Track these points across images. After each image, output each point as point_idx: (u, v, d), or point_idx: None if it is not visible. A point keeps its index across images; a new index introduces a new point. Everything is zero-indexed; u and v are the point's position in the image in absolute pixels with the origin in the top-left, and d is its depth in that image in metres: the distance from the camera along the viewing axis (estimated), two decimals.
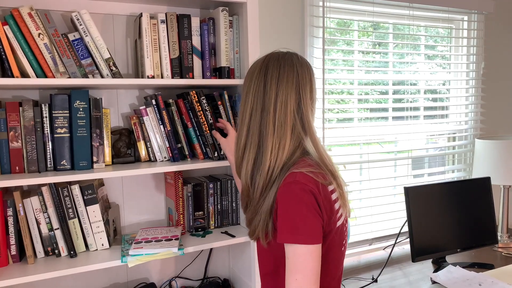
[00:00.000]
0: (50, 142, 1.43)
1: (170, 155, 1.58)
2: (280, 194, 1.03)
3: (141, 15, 1.49)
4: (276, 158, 1.07)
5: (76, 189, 1.44)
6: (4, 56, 1.30)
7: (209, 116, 1.58)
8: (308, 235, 0.98)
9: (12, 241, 1.39)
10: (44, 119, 1.42)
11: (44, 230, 1.43)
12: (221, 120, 1.59)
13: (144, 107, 1.57)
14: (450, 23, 2.56)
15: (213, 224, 1.73)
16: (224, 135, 1.57)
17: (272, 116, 1.07)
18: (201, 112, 1.57)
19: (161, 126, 1.57)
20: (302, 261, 0.98)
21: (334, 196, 1.06)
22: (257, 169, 1.10)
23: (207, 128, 1.58)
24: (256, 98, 1.10)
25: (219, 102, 1.59)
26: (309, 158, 1.08)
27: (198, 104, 1.57)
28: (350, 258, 2.19)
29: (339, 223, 1.07)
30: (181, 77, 1.56)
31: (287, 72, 1.09)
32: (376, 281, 1.90)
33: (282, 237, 1.00)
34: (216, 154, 1.59)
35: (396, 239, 2.08)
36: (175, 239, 1.52)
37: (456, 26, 2.58)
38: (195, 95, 1.57)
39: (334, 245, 1.08)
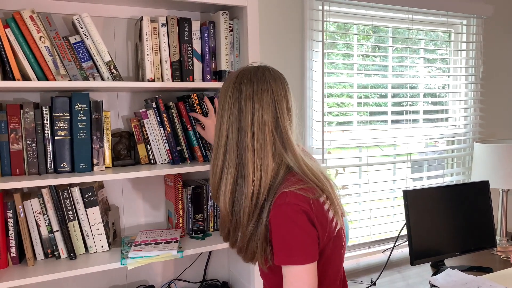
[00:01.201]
0: (50, 144, 1.44)
1: (170, 157, 1.59)
2: (272, 217, 1.02)
3: (142, 18, 1.50)
4: (260, 181, 1.04)
5: (76, 191, 1.45)
6: (5, 59, 1.31)
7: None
8: (303, 255, 0.99)
9: (12, 243, 1.39)
10: (45, 121, 1.42)
11: (44, 232, 1.43)
12: (191, 113, 1.57)
13: (144, 109, 1.58)
14: (449, 27, 2.57)
15: (212, 227, 1.73)
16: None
17: (250, 137, 1.04)
18: (202, 115, 1.58)
19: (161, 129, 1.57)
20: (299, 280, 0.99)
21: (326, 207, 1.05)
22: (238, 194, 1.06)
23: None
24: (232, 120, 1.06)
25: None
26: (295, 174, 1.05)
27: (199, 106, 1.58)
28: (349, 261, 2.20)
29: (336, 230, 1.08)
30: (182, 80, 1.56)
31: (261, 90, 1.05)
32: (375, 284, 1.91)
33: (278, 259, 1.02)
34: None
35: (395, 242, 2.09)
36: (174, 242, 1.52)
37: (455, 30, 2.59)
38: (196, 97, 1.57)
39: (333, 251, 1.09)
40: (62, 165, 1.44)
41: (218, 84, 1.59)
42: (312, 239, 1.01)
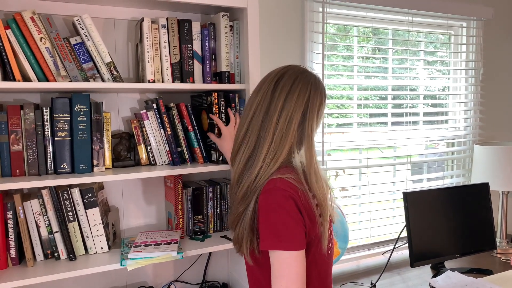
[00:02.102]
0: (50, 145, 1.44)
1: (170, 159, 1.59)
2: (260, 201, 1.03)
3: (142, 20, 1.50)
4: (266, 167, 1.06)
5: (76, 192, 1.45)
6: (6, 60, 1.31)
7: (223, 119, 1.59)
8: (291, 241, 0.99)
9: (12, 244, 1.39)
10: (45, 122, 1.43)
11: (44, 233, 1.43)
12: (212, 116, 1.57)
13: (144, 111, 1.58)
14: (449, 29, 2.58)
15: (212, 228, 1.73)
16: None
17: (274, 126, 1.07)
18: (218, 114, 1.57)
19: (162, 130, 1.58)
20: (287, 266, 0.98)
21: (314, 203, 1.06)
22: (247, 170, 1.10)
23: (217, 130, 1.58)
24: (263, 100, 1.10)
25: (233, 104, 1.60)
26: (288, 166, 1.08)
27: (217, 106, 1.57)
28: (349, 263, 2.19)
29: (321, 230, 1.07)
30: (182, 82, 1.57)
31: (299, 88, 1.08)
32: (374, 286, 1.90)
33: (265, 243, 1.01)
34: (221, 158, 1.59)
35: (395, 244, 2.09)
36: (174, 243, 1.52)
37: (455, 32, 2.59)
38: (216, 96, 1.57)
39: (319, 253, 1.09)
40: (62, 166, 1.44)
41: (218, 86, 1.60)
42: (300, 226, 1.01)
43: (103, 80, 1.45)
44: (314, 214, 1.05)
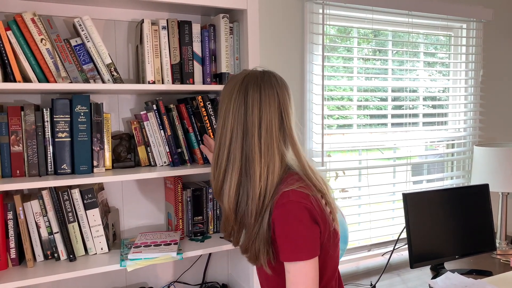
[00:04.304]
0: (51, 146, 1.44)
1: (170, 160, 1.59)
2: (276, 216, 1.05)
3: (142, 21, 1.51)
4: (267, 183, 1.07)
5: (76, 193, 1.45)
6: (6, 61, 1.31)
7: (214, 121, 1.59)
8: (308, 251, 1.02)
9: (12, 244, 1.40)
10: (45, 123, 1.43)
11: (44, 233, 1.43)
12: (206, 136, 1.58)
13: (144, 112, 1.58)
14: (449, 30, 2.58)
15: (212, 229, 1.73)
16: None
17: (257, 141, 1.07)
18: (207, 116, 1.58)
19: (162, 131, 1.58)
20: (304, 275, 1.02)
21: (323, 202, 1.09)
22: (243, 195, 1.10)
23: (212, 133, 1.59)
24: (237, 122, 1.09)
25: None
26: (292, 173, 1.10)
27: (204, 109, 1.58)
28: (349, 264, 2.19)
29: (333, 225, 1.11)
30: (182, 83, 1.57)
31: (268, 95, 1.09)
32: (374, 287, 1.90)
33: (285, 256, 1.04)
34: None
35: (395, 245, 2.09)
36: (174, 244, 1.53)
37: (455, 34, 2.60)
38: (201, 99, 1.58)
39: (331, 248, 1.12)
40: (62, 166, 1.44)
41: (218, 87, 1.60)
42: (315, 235, 1.04)
43: (103, 81, 1.45)
44: (326, 215, 1.08)
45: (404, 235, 1.99)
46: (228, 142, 1.11)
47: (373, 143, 2.30)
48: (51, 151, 1.44)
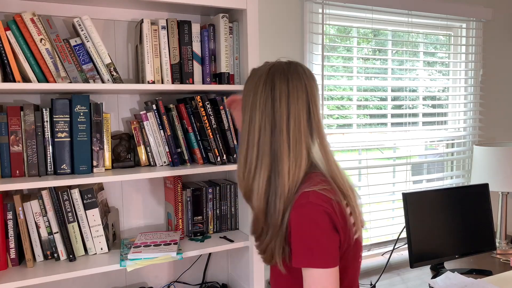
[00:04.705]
0: (50, 146, 1.44)
1: (170, 159, 1.59)
2: (293, 216, 0.98)
3: (142, 21, 1.51)
4: (294, 179, 1.01)
5: (75, 193, 1.45)
6: (6, 61, 1.31)
7: (213, 121, 1.59)
8: (323, 258, 0.95)
9: (12, 244, 1.40)
10: (45, 123, 1.43)
11: (44, 233, 1.43)
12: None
13: (144, 112, 1.58)
14: (449, 30, 2.58)
15: (212, 229, 1.73)
16: (224, 134, 1.58)
17: (286, 135, 1.01)
18: (206, 116, 1.58)
19: (161, 131, 1.58)
20: (319, 284, 0.95)
21: (347, 211, 1.01)
22: (272, 193, 1.03)
23: (211, 133, 1.59)
24: (264, 116, 1.03)
25: (221, 107, 1.61)
26: (318, 173, 1.03)
27: (203, 109, 1.58)
28: None
29: (355, 236, 1.03)
30: (181, 83, 1.57)
31: (296, 87, 1.03)
32: (374, 286, 1.90)
33: (297, 260, 0.97)
34: (218, 159, 1.59)
35: (395, 245, 2.09)
36: (173, 244, 1.53)
37: (454, 34, 2.60)
38: (200, 99, 1.58)
39: (350, 261, 1.05)
40: (62, 167, 1.44)
41: (218, 87, 1.60)
42: (334, 243, 0.97)
43: (103, 81, 1.45)
44: (349, 226, 1.00)
45: (404, 234, 1.99)
46: (257, 138, 1.04)
47: (373, 142, 2.30)
48: (50, 151, 1.44)
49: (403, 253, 2.28)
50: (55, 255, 1.45)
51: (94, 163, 1.48)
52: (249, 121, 1.06)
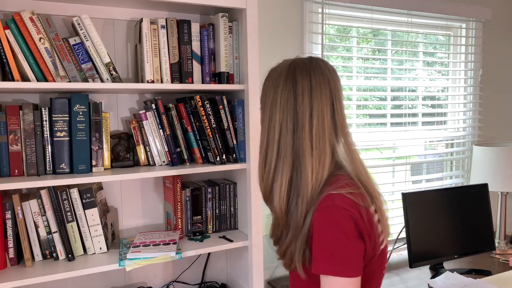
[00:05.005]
0: (49, 145, 1.44)
1: (169, 159, 1.59)
2: (316, 218, 0.92)
3: (141, 20, 1.50)
4: (318, 179, 0.95)
5: (74, 193, 1.45)
6: (5, 60, 1.31)
7: (212, 121, 1.59)
8: (346, 266, 0.87)
9: (10, 244, 1.39)
10: (44, 122, 1.43)
11: (43, 233, 1.43)
12: None
13: (143, 111, 1.58)
14: (449, 30, 2.58)
15: (211, 229, 1.73)
16: (223, 134, 1.58)
17: (309, 132, 0.96)
18: (205, 116, 1.58)
19: (161, 131, 1.58)
20: None
21: (376, 219, 0.94)
22: (294, 194, 0.97)
23: (210, 132, 1.58)
24: (286, 113, 0.98)
25: (220, 106, 1.60)
26: (345, 175, 0.97)
27: (202, 108, 1.58)
28: None
29: (381, 247, 0.97)
30: (181, 82, 1.57)
31: (319, 82, 0.97)
32: None
33: (317, 266, 0.90)
34: (218, 159, 1.59)
35: (394, 244, 2.09)
36: (173, 243, 1.52)
37: (454, 34, 2.60)
38: (199, 99, 1.57)
39: (374, 271, 0.98)
40: (61, 166, 1.44)
41: (217, 86, 1.60)
42: (358, 251, 0.89)
43: (102, 81, 1.45)
44: (376, 235, 0.93)
45: (403, 234, 1.99)
46: (277, 136, 0.99)
47: (373, 142, 2.30)
48: (49, 150, 1.44)
49: (402, 253, 2.27)
50: (54, 254, 1.45)
51: (93, 162, 1.48)
52: (269, 119, 1.01)
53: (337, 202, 0.90)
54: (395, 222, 2.40)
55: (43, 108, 1.42)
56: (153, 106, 1.57)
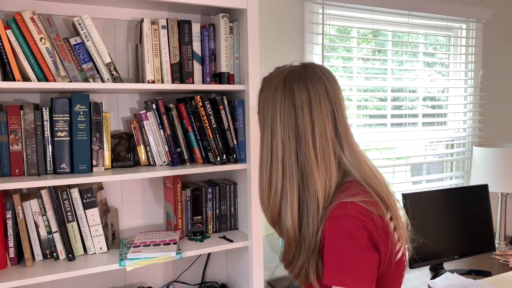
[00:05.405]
0: (50, 145, 1.44)
1: (170, 159, 1.59)
2: (328, 228, 0.88)
3: (142, 20, 1.50)
4: (326, 193, 0.92)
5: (75, 193, 1.45)
6: (6, 60, 1.31)
7: (213, 121, 1.59)
8: (358, 278, 0.84)
9: (11, 243, 1.39)
10: (45, 122, 1.43)
11: (43, 233, 1.43)
12: None
13: (144, 111, 1.58)
14: (449, 31, 2.58)
15: (211, 229, 1.73)
16: (224, 134, 1.58)
17: (312, 146, 0.92)
18: (205, 116, 1.58)
19: (161, 131, 1.58)
20: None
21: (391, 226, 0.90)
22: (304, 213, 0.93)
23: (211, 133, 1.59)
24: (287, 130, 0.94)
25: (221, 107, 1.60)
26: (356, 182, 0.93)
27: (203, 108, 1.58)
28: None
29: (398, 255, 0.92)
30: (181, 82, 1.57)
31: (318, 92, 0.94)
32: None
33: (328, 277, 0.86)
34: (218, 159, 1.59)
35: None
36: (173, 244, 1.53)
37: (454, 34, 2.60)
38: (200, 99, 1.58)
39: (393, 279, 0.95)
40: (61, 166, 1.44)
41: (218, 87, 1.60)
42: (371, 262, 0.86)
43: (102, 81, 1.45)
44: (392, 243, 0.89)
45: None
46: (281, 156, 0.94)
47: (373, 143, 2.30)
48: (50, 150, 1.44)
49: None
50: (54, 254, 1.45)
51: (94, 162, 1.48)
52: (271, 137, 0.96)
53: (349, 211, 0.87)
54: None
55: (43, 108, 1.42)
56: (154, 106, 1.57)
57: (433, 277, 1.97)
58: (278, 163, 0.95)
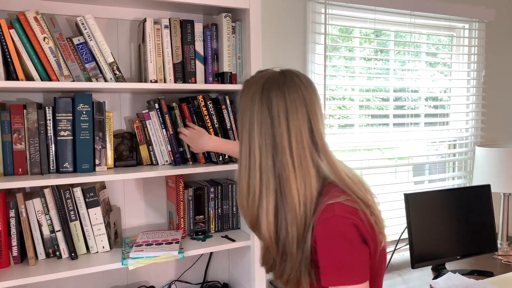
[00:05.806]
0: (53, 144, 1.44)
1: (172, 159, 1.59)
2: (319, 232, 0.91)
3: (145, 20, 1.51)
4: (305, 200, 0.94)
5: (78, 192, 1.45)
6: (9, 59, 1.32)
7: (215, 120, 1.60)
8: (355, 273, 0.88)
9: (14, 242, 1.40)
10: (48, 121, 1.43)
11: (46, 232, 1.44)
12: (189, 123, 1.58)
13: (147, 111, 1.58)
14: (451, 31, 2.58)
15: (213, 228, 1.73)
16: (226, 134, 1.58)
17: (289, 154, 0.94)
18: (208, 116, 1.59)
19: (164, 130, 1.58)
20: None
21: (372, 220, 0.94)
22: (282, 220, 0.95)
23: (213, 132, 1.59)
24: (264, 137, 0.95)
25: (223, 106, 1.61)
26: (335, 186, 0.96)
27: (205, 108, 1.58)
28: None
29: (382, 244, 0.97)
30: (184, 82, 1.57)
31: (294, 100, 0.95)
32: None
33: (327, 279, 0.89)
34: (220, 159, 1.60)
35: (396, 245, 2.09)
36: (175, 243, 1.53)
37: (457, 34, 2.60)
38: (202, 99, 1.58)
39: (379, 267, 1.00)
40: (64, 165, 1.44)
41: (220, 86, 1.60)
42: (364, 257, 0.90)
43: (105, 80, 1.45)
44: (376, 233, 0.94)
45: (405, 235, 1.99)
46: (258, 162, 0.96)
47: (375, 143, 2.30)
48: (53, 149, 1.44)
49: (404, 254, 2.27)
50: (57, 253, 1.45)
51: (97, 161, 1.48)
52: (248, 143, 0.98)
53: (337, 212, 0.89)
54: (397, 223, 2.40)
55: (47, 107, 1.43)
56: (156, 105, 1.57)
57: (435, 277, 1.97)
58: (255, 169, 0.97)
